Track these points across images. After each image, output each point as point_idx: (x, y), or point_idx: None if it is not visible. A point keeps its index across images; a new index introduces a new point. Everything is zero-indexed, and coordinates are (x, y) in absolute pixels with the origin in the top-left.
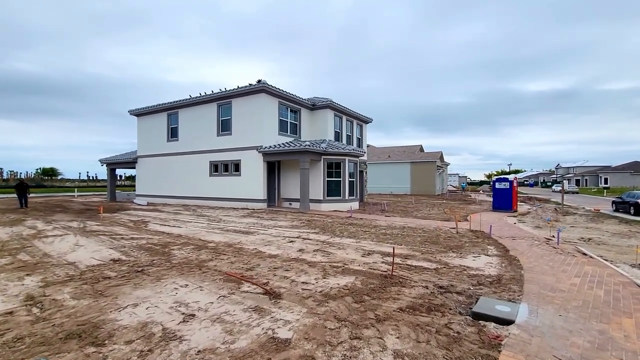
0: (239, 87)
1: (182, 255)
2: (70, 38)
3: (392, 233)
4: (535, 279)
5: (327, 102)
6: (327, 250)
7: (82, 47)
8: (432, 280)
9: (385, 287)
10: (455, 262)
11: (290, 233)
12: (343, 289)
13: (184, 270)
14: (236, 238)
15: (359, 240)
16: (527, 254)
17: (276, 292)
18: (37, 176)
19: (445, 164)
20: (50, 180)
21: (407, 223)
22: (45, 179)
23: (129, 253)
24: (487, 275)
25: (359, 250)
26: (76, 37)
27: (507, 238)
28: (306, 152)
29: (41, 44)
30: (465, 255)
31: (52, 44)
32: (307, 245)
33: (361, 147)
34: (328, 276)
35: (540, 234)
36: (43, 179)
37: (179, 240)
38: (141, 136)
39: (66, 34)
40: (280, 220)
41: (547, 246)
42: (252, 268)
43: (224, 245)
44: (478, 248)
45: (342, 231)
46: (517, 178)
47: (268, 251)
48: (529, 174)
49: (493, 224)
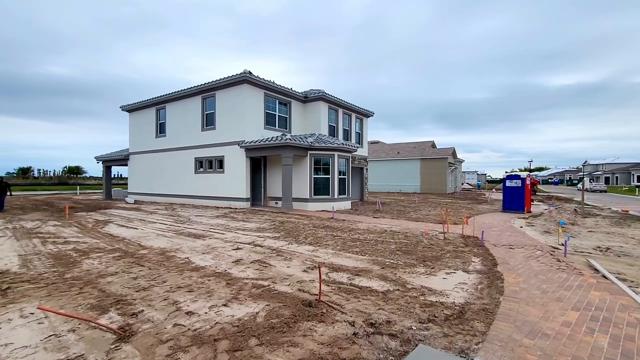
0: (222, 78)
1: (87, 267)
2: (97, 42)
3: (366, 239)
4: (514, 313)
5: (319, 93)
6: (267, 263)
7: (108, 51)
8: (368, 312)
9: (297, 322)
10: (417, 281)
11: (247, 238)
12: (233, 324)
13: (59, 289)
14: (181, 243)
15: (317, 249)
16: (519, 270)
17: (130, 332)
18: (64, 174)
19: (459, 160)
20: (75, 178)
21: (393, 226)
22: (71, 176)
23: (30, 262)
24: (450, 304)
25: (306, 263)
26: (102, 41)
27: (502, 246)
28: (287, 147)
29: (72, 48)
30: (437, 271)
31: (81, 49)
32: (251, 254)
33: (361, 142)
34: (233, 302)
35: (547, 240)
36: (69, 177)
37: (115, 244)
38: (132, 132)
39: (94, 39)
40: (250, 222)
41: (549, 258)
42: (149, 287)
43: (155, 253)
44: (459, 260)
45: (308, 236)
46: (530, 175)
47: (198, 262)
48: (553, 171)
49: (495, 228)
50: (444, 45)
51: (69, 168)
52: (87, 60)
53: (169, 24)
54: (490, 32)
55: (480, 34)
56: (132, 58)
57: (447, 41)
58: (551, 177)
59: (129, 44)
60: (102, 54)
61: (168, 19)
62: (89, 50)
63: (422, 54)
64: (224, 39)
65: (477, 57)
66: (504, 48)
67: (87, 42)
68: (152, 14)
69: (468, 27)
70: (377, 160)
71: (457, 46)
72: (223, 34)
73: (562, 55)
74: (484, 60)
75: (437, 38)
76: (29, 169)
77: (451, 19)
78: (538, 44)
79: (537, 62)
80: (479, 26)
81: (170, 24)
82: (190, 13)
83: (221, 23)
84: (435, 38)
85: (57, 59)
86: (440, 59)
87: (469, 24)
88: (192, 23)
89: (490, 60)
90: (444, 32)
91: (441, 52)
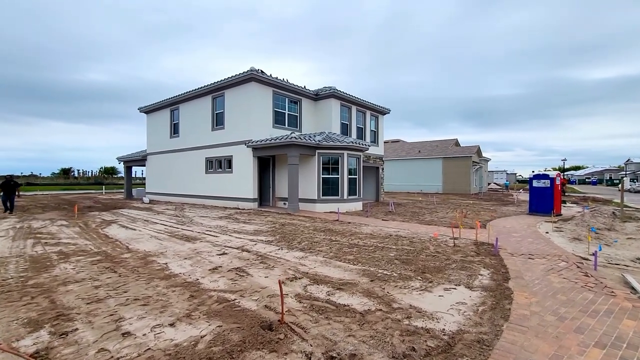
0: (230, 76)
1: (57, 273)
2: (129, 49)
3: (365, 244)
4: (516, 348)
5: (330, 90)
6: (245, 271)
7: (139, 57)
8: (334, 339)
9: (243, 350)
10: (407, 299)
11: (239, 241)
12: (166, 352)
13: (9, 299)
14: (169, 247)
15: (306, 256)
16: (534, 287)
17: (45, 358)
18: (100, 174)
19: (484, 159)
20: (110, 179)
21: (400, 230)
22: (106, 177)
23: (6, 265)
24: (438, 331)
25: (288, 273)
26: (134, 48)
27: (520, 256)
28: (293, 146)
29: (106, 56)
30: (434, 285)
31: (115, 55)
32: (234, 260)
33: (376, 140)
34: (183, 321)
35: (575, 249)
36: (105, 177)
37: (103, 247)
38: (149, 133)
39: (126, 46)
40: (251, 224)
41: (575, 272)
42: (104, 299)
43: (137, 258)
44: (464, 273)
45: (303, 241)
46: (560, 174)
47: (175, 268)
48: (591, 170)
49: (516, 233)
50: (471, 40)
51: (105, 169)
52: (121, 66)
53: (194, 29)
54: (521, 24)
55: (510, 26)
56: (161, 63)
57: (475, 36)
58: (589, 176)
59: (157, 49)
60: (134, 60)
61: (193, 25)
62: (122, 57)
63: (447, 50)
64: (247, 41)
65: (506, 52)
66: (536, 41)
67: (121, 49)
68: (179, 20)
69: (497, 20)
70: (397, 159)
71: (485, 41)
72: (246, 36)
73: (601, 47)
74: (514, 55)
75: (463, 33)
76: (70, 170)
77: (478, 12)
78: (574, 35)
79: (573, 55)
80: (509, 18)
81: (195, 29)
82: (214, 18)
83: (244, 26)
84: (462, 33)
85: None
86: (467, 55)
87: (498, 17)
88: (216, 27)
89: (521, 54)
90: (471, 26)
91: (468, 47)
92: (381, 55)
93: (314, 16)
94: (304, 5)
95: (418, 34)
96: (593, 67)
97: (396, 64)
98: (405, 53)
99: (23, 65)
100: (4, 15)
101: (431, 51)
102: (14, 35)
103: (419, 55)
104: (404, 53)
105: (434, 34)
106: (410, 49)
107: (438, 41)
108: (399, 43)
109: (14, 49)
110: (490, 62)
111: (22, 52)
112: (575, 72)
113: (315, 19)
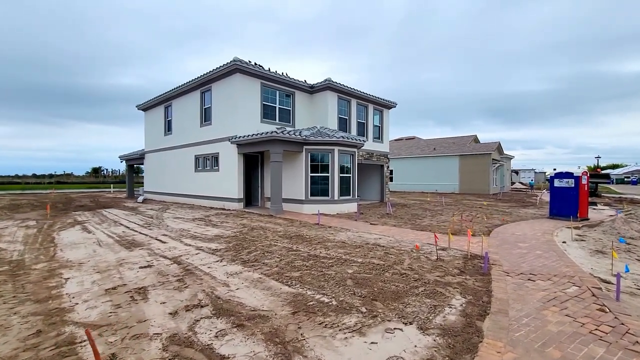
0: (215, 68)
1: None
2: (156, 52)
3: (326, 256)
4: None
5: (326, 82)
6: (145, 295)
7: (165, 60)
8: None
9: None
10: (320, 348)
11: (183, 249)
12: None
13: None
14: (98, 256)
15: (242, 271)
16: (517, 332)
17: None
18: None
19: (506, 157)
20: (136, 177)
21: (383, 237)
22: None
23: None
24: None
25: (194, 298)
26: (160, 51)
27: (518, 276)
28: (275, 141)
29: (136, 60)
30: (376, 323)
31: (143, 60)
32: (148, 277)
33: (381, 136)
34: None
35: (595, 266)
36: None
37: (27, 254)
38: (146, 131)
39: (152, 51)
40: (218, 227)
41: (587, 303)
42: None
43: (46, 270)
44: (430, 302)
45: (256, 250)
46: (587, 172)
47: (69, 287)
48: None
49: (523, 243)
50: (497, 34)
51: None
52: (148, 70)
53: (216, 32)
54: (551, 16)
55: (539, 19)
56: (186, 65)
57: (500, 30)
58: (628, 175)
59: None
60: (161, 63)
61: (215, 28)
62: (149, 61)
63: (472, 45)
64: (267, 42)
65: (535, 45)
66: (566, 33)
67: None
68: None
69: (524, 11)
70: (410, 157)
71: (513, 34)
72: (266, 37)
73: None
74: (544, 48)
75: (489, 27)
76: (99, 169)
77: (505, 4)
78: (609, 26)
79: (608, 47)
80: (538, 10)
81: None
82: (234, 20)
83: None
84: (488, 27)
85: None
86: (492, 50)
87: (526, 9)
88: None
89: (551, 47)
90: (495, 20)
91: (494, 41)
92: (402, 52)
93: (333, 15)
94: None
95: (439, 30)
96: (631, 60)
97: (418, 61)
98: (427, 49)
99: (61, 72)
100: (45, 24)
101: (454, 46)
102: (53, 43)
103: (441, 51)
104: (425, 49)
105: (457, 28)
106: (432, 45)
107: (461, 35)
108: (420, 40)
109: (57, 57)
110: (518, 57)
111: (60, 59)
112: (611, 65)
113: (334, 19)
